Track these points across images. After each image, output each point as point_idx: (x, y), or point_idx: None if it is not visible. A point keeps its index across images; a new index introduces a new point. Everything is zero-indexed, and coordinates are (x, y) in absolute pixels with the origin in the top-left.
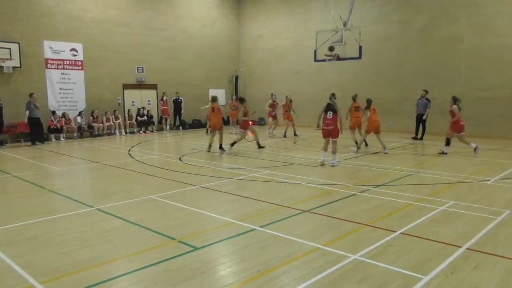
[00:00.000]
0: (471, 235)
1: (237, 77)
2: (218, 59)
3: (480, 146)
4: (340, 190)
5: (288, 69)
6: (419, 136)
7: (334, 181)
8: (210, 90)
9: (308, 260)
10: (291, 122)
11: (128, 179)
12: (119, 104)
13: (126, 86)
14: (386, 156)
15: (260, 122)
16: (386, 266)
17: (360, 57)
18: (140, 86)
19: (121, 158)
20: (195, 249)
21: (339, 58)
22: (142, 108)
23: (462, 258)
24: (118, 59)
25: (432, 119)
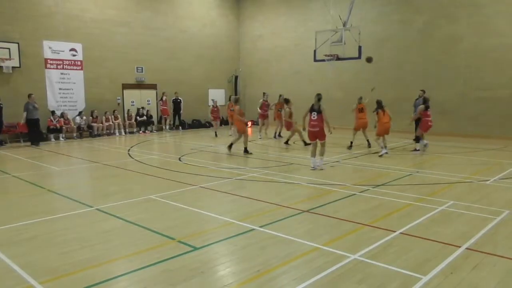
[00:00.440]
0: (471, 235)
1: (236, 77)
2: (218, 59)
3: (427, 147)
4: (339, 190)
5: (288, 69)
6: (414, 136)
7: (333, 181)
8: (209, 90)
9: (307, 260)
10: (280, 122)
11: (127, 179)
12: (119, 104)
13: (125, 86)
14: (386, 156)
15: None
16: (386, 266)
17: (359, 57)
18: (139, 86)
19: (120, 158)
20: (195, 249)
21: (339, 58)
22: (142, 108)
23: (462, 258)
24: (118, 59)
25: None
